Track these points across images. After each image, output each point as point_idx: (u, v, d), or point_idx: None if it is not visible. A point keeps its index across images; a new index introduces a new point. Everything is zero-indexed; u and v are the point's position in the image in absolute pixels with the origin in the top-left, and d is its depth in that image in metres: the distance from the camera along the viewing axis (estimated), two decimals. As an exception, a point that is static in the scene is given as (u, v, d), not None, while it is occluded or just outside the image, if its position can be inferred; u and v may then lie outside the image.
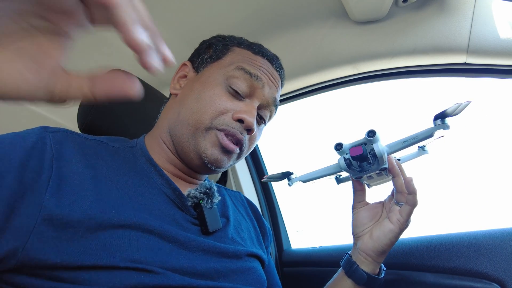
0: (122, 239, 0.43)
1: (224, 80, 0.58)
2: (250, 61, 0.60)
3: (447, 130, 0.54)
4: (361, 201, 0.66)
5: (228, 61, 0.61)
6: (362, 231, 0.63)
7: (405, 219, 0.58)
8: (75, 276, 0.39)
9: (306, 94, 1.12)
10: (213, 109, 0.55)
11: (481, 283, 0.69)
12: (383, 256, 0.61)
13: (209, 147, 0.55)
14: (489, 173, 1.93)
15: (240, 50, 0.63)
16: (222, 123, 0.55)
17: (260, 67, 0.60)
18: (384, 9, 0.80)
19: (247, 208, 0.77)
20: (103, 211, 0.44)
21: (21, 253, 0.38)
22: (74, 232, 0.40)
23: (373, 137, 0.56)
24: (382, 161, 0.57)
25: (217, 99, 0.56)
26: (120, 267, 0.41)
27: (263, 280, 0.60)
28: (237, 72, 0.58)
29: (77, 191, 0.44)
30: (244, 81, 0.58)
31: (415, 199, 0.56)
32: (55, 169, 0.44)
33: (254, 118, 0.57)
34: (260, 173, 1.34)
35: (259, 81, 0.59)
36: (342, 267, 0.64)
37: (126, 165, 0.53)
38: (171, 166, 0.59)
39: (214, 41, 0.64)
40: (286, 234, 1.29)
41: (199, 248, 0.51)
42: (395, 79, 0.95)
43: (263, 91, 0.60)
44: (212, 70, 0.60)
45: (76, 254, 0.40)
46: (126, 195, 0.48)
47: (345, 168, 0.59)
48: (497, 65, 0.76)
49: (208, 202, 0.55)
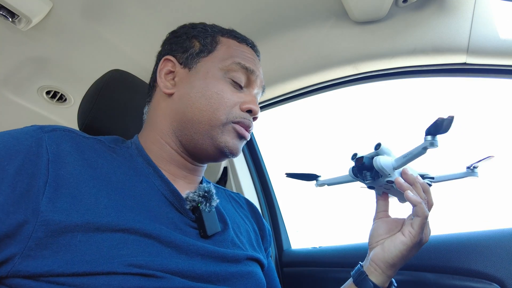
0: (120, 243, 0.43)
1: (223, 74, 0.60)
2: (241, 53, 0.63)
3: (435, 148, 0.53)
4: (382, 211, 0.66)
5: (221, 54, 0.62)
6: (376, 242, 0.62)
7: (417, 231, 0.56)
8: (73, 280, 0.39)
9: (306, 94, 1.12)
10: (224, 105, 0.58)
11: (481, 283, 0.69)
12: (393, 270, 0.59)
13: (230, 139, 0.58)
14: (489, 173, 1.92)
15: (226, 40, 0.65)
16: (235, 116, 0.59)
17: (249, 58, 0.64)
18: (384, 9, 0.80)
19: (246, 210, 0.77)
20: (101, 215, 0.43)
21: (19, 259, 0.38)
22: (71, 237, 0.40)
23: (378, 149, 0.59)
24: (384, 174, 0.58)
25: (224, 94, 0.59)
26: (118, 272, 0.41)
27: (262, 284, 0.60)
28: (234, 66, 0.61)
29: (75, 194, 0.43)
30: (242, 74, 0.62)
31: (422, 210, 0.55)
32: (51, 173, 0.43)
33: (257, 105, 0.62)
34: (260, 173, 1.34)
35: (253, 73, 0.63)
36: (352, 276, 0.64)
37: (125, 165, 0.53)
38: (172, 166, 0.59)
39: (196, 33, 0.64)
40: (286, 234, 1.29)
41: (198, 252, 0.50)
42: (395, 79, 0.95)
43: (257, 81, 0.65)
44: (207, 64, 0.61)
45: (74, 261, 0.39)
46: (125, 196, 0.48)
47: (352, 176, 0.64)
48: (497, 65, 0.76)
49: (206, 205, 0.55)
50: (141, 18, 0.91)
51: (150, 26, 0.94)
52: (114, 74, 0.75)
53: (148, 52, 1.04)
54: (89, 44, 0.99)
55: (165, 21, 0.92)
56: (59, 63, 1.06)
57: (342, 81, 1.01)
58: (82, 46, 1.00)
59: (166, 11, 0.89)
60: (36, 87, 1.16)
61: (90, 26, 0.93)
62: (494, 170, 0.70)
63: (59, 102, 1.24)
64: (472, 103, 1.45)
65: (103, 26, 0.93)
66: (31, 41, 0.96)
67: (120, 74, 0.76)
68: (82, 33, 0.95)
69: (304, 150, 2.74)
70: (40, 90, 1.17)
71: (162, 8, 0.88)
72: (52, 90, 1.19)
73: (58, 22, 0.91)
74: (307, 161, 3.11)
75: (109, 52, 1.03)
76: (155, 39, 1.01)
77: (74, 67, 1.08)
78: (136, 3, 0.87)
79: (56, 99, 1.22)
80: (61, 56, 1.03)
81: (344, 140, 3.36)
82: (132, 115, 0.75)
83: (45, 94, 1.19)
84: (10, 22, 0.86)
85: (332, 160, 1.22)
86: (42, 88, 1.17)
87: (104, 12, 0.89)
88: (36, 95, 1.18)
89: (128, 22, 0.93)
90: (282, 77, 1.05)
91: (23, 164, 0.42)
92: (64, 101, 1.24)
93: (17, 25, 0.87)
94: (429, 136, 0.53)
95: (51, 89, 1.18)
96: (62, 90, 1.19)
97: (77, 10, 0.88)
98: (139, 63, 1.07)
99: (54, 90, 1.19)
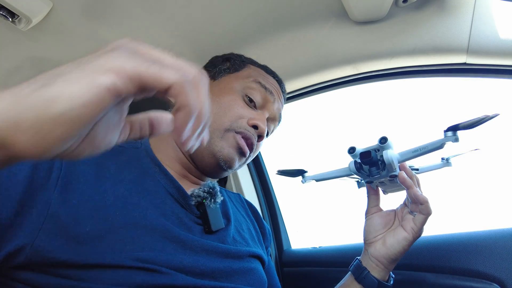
0: (127, 238, 0.44)
1: (241, 90, 0.64)
2: (265, 79, 0.67)
3: (457, 142, 0.54)
4: (375, 206, 0.66)
5: (246, 74, 0.67)
6: (374, 238, 0.63)
7: (419, 228, 0.58)
8: (80, 273, 0.40)
9: (306, 94, 1.12)
10: (232, 113, 0.60)
11: (481, 283, 0.69)
12: (394, 264, 0.61)
13: (226, 147, 0.59)
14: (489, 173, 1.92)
15: (255, 68, 0.70)
16: (239, 126, 0.60)
17: (272, 84, 0.68)
18: (384, 9, 0.80)
19: (247, 209, 0.78)
20: (108, 211, 0.44)
21: (29, 250, 0.39)
22: (80, 231, 0.41)
23: (385, 144, 0.58)
24: (391, 168, 0.57)
25: (235, 105, 0.61)
26: (125, 266, 0.41)
27: (264, 280, 0.60)
28: (254, 84, 0.64)
29: (83, 190, 0.44)
30: (259, 93, 0.64)
31: (428, 208, 0.56)
32: (64, 168, 0.45)
33: (266, 126, 0.63)
34: (260, 173, 1.34)
35: (271, 95, 0.66)
36: (351, 272, 0.64)
37: (132, 163, 0.54)
38: (178, 166, 0.60)
39: (231, 56, 0.72)
40: (286, 234, 1.29)
41: (202, 248, 0.51)
42: (395, 79, 0.95)
43: (273, 105, 0.66)
44: (230, 79, 0.66)
45: (82, 253, 0.40)
46: (131, 193, 0.49)
47: (355, 171, 0.61)
48: (497, 65, 0.76)
49: (211, 201, 0.56)
50: (141, 18, 0.91)
51: (150, 26, 0.94)
52: (114, 74, 0.75)
53: (148, 52, 1.04)
54: (89, 44, 0.99)
55: (165, 22, 0.92)
56: (59, 63, 1.05)
57: (342, 81, 1.01)
58: (82, 46, 1.00)
59: (166, 11, 0.89)
60: (36, 87, 1.16)
61: (90, 26, 0.93)
62: (494, 170, 0.70)
63: (59, 102, 1.24)
64: (472, 103, 1.45)
65: (103, 26, 0.93)
66: (31, 41, 0.96)
67: (120, 74, 0.76)
68: (82, 33, 0.95)
69: (304, 150, 2.74)
70: (40, 90, 1.17)
71: (162, 9, 0.88)
72: (52, 90, 1.19)
73: (58, 22, 0.91)
74: (307, 161, 3.09)
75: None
76: (155, 40, 1.01)
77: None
78: (136, 3, 0.87)
79: (56, 99, 1.22)
80: (61, 56, 1.03)
81: (344, 140, 3.35)
82: (132, 115, 0.75)
83: (45, 94, 1.20)
84: (10, 22, 0.86)
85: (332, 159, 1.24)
86: (42, 88, 1.17)
87: (104, 12, 0.89)
88: (36, 95, 1.18)
89: (128, 22, 0.93)
90: (282, 77, 1.04)
91: None
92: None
93: (17, 25, 0.87)
94: (449, 132, 0.54)
95: (51, 89, 1.18)
96: (62, 90, 1.19)
97: (77, 10, 0.88)
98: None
99: (54, 90, 1.19)
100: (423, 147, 0.57)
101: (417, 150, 0.57)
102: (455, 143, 0.54)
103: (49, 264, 0.39)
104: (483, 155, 0.65)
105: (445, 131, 0.55)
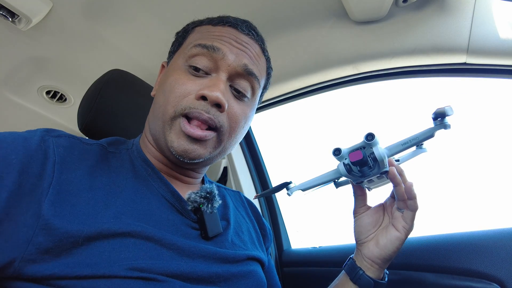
0: (121, 247, 0.42)
1: (183, 63, 0.55)
2: (208, 35, 0.56)
3: (448, 129, 0.53)
4: (363, 206, 0.64)
5: (187, 43, 0.58)
6: (366, 238, 0.62)
7: (410, 225, 0.57)
8: (73, 284, 0.39)
9: (306, 94, 1.12)
10: (174, 95, 0.52)
11: (481, 283, 0.69)
12: (389, 262, 0.60)
13: (175, 138, 0.51)
14: (489, 173, 1.92)
15: (200, 28, 0.59)
16: (184, 106, 0.51)
17: (219, 37, 0.55)
18: (384, 9, 0.80)
19: (247, 208, 0.77)
20: (101, 221, 0.43)
21: (19, 264, 0.38)
22: (72, 242, 0.40)
23: (372, 141, 0.54)
24: (383, 165, 0.55)
25: (176, 84, 0.53)
26: (120, 276, 0.40)
27: (263, 283, 0.60)
28: (194, 49, 0.54)
29: (74, 202, 0.43)
30: (203, 57, 0.54)
31: (415, 204, 0.56)
32: (56, 175, 0.43)
33: (218, 91, 0.51)
34: (260, 173, 1.34)
35: (218, 51, 0.53)
36: (345, 271, 0.63)
37: (124, 169, 0.53)
38: (162, 166, 0.58)
39: (177, 33, 0.63)
40: (286, 234, 1.29)
41: (199, 254, 0.50)
42: (395, 79, 0.95)
43: (227, 60, 0.54)
44: (175, 58, 0.59)
45: (74, 265, 0.39)
46: (124, 202, 0.48)
47: (346, 174, 0.57)
48: (497, 65, 0.76)
49: (208, 207, 0.54)
50: (141, 18, 0.91)
51: (150, 26, 0.94)
52: (114, 74, 0.75)
53: (148, 52, 1.04)
54: (89, 44, 0.99)
55: (165, 21, 0.92)
56: (59, 63, 1.06)
57: (342, 81, 1.01)
58: (82, 46, 1.00)
59: (166, 12, 0.89)
60: (36, 87, 1.16)
61: (90, 26, 0.93)
62: (494, 170, 0.70)
63: (59, 102, 1.24)
64: (472, 103, 1.45)
65: (103, 26, 0.93)
66: (31, 41, 0.96)
67: (120, 74, 0.76)
68: (82, 33, 0.95)
69: (304, 150, 2.74)
70: (40, 90, 1.17)
71: (162, 9, 0.88)
72: (52, 90, 1.19)
73: (58, 22, 0.91)
74: (306, 161, 3.10)
75: (109, 52, 1.03)
76: (155, 39, 1.01)
77: (74, 67, 1.08)
78: (136, 3, 0.87)
79: (56, 99, 1.22)
80: (61, 56, 1.03)
81: (342, 145, 3.34)
82: (132, 115, 0.75)
83: (45, 94, 1.20)
84: (10, 22, 0.86)
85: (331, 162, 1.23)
86: (42, 88, 1.17)
87: (104, 12, 0.89)
88: (36, 95, 1.18)
89: (128, 22, 0.93)
90: (282, 77, 1.05)
91: (31, 162, 0.42)
92: (64, 101, 1.24)
93: (17, 25, 0.87)
94: (438, 120, 0.53)
95: (51, 89, 1.18)
96: (62, 90, 1.19)
97: (77, 10, 0.88)
98: (139, 63, 1.07)
99: (54, 90, 1.19)
100: (413, 138, 0.54)
101: (407, 142, 0.55)
102: (447, 130, 0.53)
103: (42, 276, 0.38)
104: (483, 155, 0.65)
105: (434, 118, 0.53)
